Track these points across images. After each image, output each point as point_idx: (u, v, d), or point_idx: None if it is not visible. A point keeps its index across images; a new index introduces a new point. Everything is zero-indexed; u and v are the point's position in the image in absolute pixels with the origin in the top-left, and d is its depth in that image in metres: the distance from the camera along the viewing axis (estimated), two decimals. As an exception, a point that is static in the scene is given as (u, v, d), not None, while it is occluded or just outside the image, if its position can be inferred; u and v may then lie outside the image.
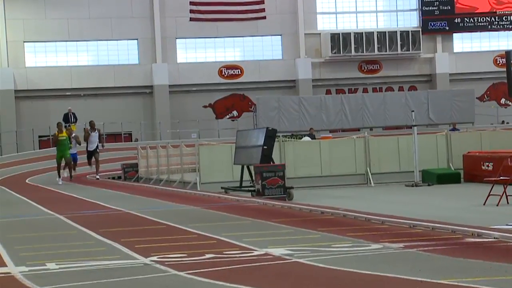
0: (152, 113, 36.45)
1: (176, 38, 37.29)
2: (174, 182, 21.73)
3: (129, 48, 36.92)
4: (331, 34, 37.73)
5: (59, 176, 22.41)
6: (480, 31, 39.60)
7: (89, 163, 23.96)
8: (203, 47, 37.66)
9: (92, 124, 23.89)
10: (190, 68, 37.18)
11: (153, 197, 15.79)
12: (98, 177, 23.91)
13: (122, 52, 36.79)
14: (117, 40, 36.62)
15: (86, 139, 23.47)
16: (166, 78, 36.65)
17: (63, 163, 22.64)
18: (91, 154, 23.87)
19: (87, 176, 25.84)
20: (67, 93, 36.06)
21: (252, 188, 16.53)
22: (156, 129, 35.61)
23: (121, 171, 27.83)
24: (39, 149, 33.02)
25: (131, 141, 34.27)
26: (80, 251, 7.74)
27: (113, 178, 28.21)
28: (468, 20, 39.32)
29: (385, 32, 38.10)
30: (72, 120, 31.10)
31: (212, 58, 37.71)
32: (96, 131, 23.74)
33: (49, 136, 22.74)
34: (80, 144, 24.05)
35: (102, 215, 12.04)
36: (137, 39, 36.85)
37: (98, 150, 23.87)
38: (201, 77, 37.16)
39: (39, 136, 34.46)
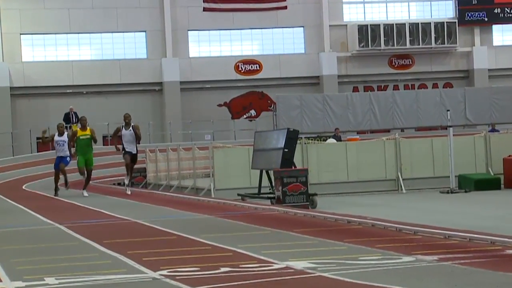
0: (161, 112, 36.61)
1: (188, 30, 37.42)
2: (186, 189, 21.79)
3: (136, 41, 37.10)
4: (358, 25, 37.65)
5: (84, 188, 19.47)
6: (523, 22, 39.32)
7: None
8: (217, 40, 37.75)
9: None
10: (203, 63, 37.28)
11: (163, 205, 15.85)
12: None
13: (128, 46, 36.97)
14: (123, 32, 36.82)
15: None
16: (177, 74, 36.77)
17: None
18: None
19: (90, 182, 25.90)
20: (68, 91, 36.29)
21: (271, 195, 16.53)
22: (166, 130, 35.75)
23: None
24: (37, 152, 33.20)
25: (138, 143, 34.36)
26: (82, 265, 7.78)
27: (119, 184, 28.33)
28: (509, 11, 39.05)
29: (418, 23, 37.96)
30: (74, 120, 31.34)
31: (228, 52, 37.78)
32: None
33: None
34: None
35: (107, 225, 12.10)
36: (145, 31, 37.02)
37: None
38: (215, 73, 37.24)
39: (37, 138, 34.61)
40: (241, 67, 37.80)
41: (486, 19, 38.83)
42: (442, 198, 18.11)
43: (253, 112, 38.19)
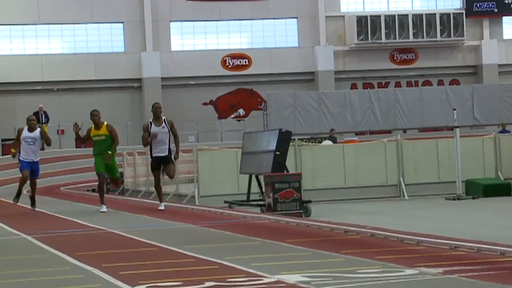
0: (140, 111, 36.55)
1: (170, 21, 37.41)
2: (168, 195, 21.76)
3: (113, 33, 37.06)
4: (357, 16, 37.75)
5: (102, 201, 16.29)
6: (536, 14, 39.52)
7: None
8: (202, 32, 37.76)
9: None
10: (187, 58, 37.28)
11: (142, 214, 15.83)
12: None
13: (104, 38, 36.93)
14: (98, 23, 36.78)
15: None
16: (158, 69, 36.76)
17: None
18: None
19: (61, 188, 25.96)
20: (37, 88, 36.20)
21: (261, 203, 16.53)
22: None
23: (103, 182, 27.81)
24: (2, 155, 33.08)
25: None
26: (52, 279, 7.76)
27: (93, 190, 28.24)
28: (522, 0, 39.25)
29: (422, 14, 38.11)
30: (44, 120, 31.28)
31: (214, 46, 37.80)
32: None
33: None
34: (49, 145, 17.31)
35: (80, 235, 12.07)
36: (122, 22, 36.99)
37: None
38: (200, 69, 37.25)
39: (2, 140, 34.51)
40: (229, 62, 37.82)
41: (496, 10, 39.03)
42: (448, 205, 18.16)
43: (241, 111, 38.22)
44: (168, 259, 8.79)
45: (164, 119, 15.56)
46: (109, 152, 15.73)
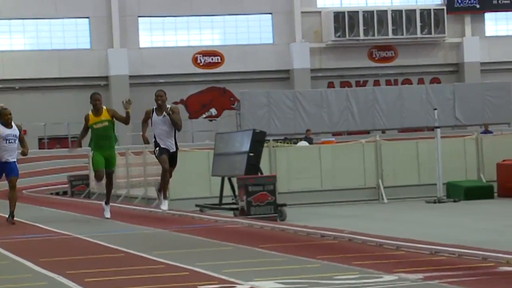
0: (107, 111, 36.41)
1: (139, 17, 37.30)
2: (136, 199, 21.69)
3: (78, 29, 36.88)
4: (334, 12, 37.88)
5: (107, 203, 15.07)
6: (519, 10, 39.91)
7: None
8: (173, 28, 37.69)
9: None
10: (156, 55, 37.19)
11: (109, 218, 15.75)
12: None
13: (69, 34, 36.73)
14: (62, 18, 36.57)
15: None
16: (126, 67, 36.63)
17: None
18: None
19: (23, 191, 25.75)
20: (-1, 86, 35.94)
21: (234, 206, 16.53)
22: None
23: (67, 185, 27.74)
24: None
25: (80, 146, 34.07)
26: (13, 287, 7.71)
27: (57, 193, 28.08)
28: (504, -4, 39.63)
29: (402, 10, 38.34)
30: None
31: (185, 42, 37.74)
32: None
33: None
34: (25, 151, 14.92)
35: (43, 241, 12.00)
36: (88, 18, 36.82)
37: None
38: (170, 66, 37.18)
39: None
40: (200, 60, 37.78)
41: (478, 6, 39.36)
42: (428, 208, 18.26)
43: (213, 111, 38.19)
44: (136, 266, 8.77)
45: (169, 108, 14.09)
46: (128, 100, 14.25)
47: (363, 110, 32.99)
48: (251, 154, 16.33)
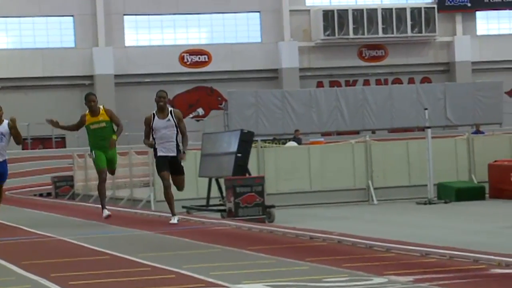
0: (92, 111, 36.34)
1: (124, 15, 37.23)
2: (121, 200, 21.66)
3: (62, 27, 36.77)
4: (323, 11, 37.93)
5: (103, 206, 14.39)
6: (510, 9, 40.06)
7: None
8: (159, 27, 37.63)
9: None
10: (142, 54, 37.13)
11: (93, 219, 15.73)
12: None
13: (53, 33, 36.63)
14: (46, 16, 36.46)
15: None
16: (111, 66, 36.55)
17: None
18: None
19: (6, 193, 25.59)
20: (-19, 86, 35.81)
21: (222, 208, 16.53)
22: (98, 132, 35.50)
23: (51, 186, 27.68)
24: None
25: (64, 147, 34.09)
26: (-3, 289, 7.70)
27: (41, 195, 28.00)
28: (495, -6, 39.78)
29: (392, 9, 38.41)
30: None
31: (171, 41, 37.69)
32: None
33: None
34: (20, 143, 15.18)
35: (26, 243, 11.97)
36: (72, 16, 36.72)
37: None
38: (156, 65, 37.13)
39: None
40: (187, 59, 37.75)
41: (469, 4, 39.48)
42: (419, 210, 18.31)
43: (200, 110, 38.17)
44: (122, 268, 8.75)
45: (170, 111, 13.50)
46: (114, 137, 13.78)
47: (353, 110, 33.04)
48: (239, 155, 16.33)
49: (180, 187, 13.87)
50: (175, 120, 13.39)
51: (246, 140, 16.58)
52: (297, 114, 32.59)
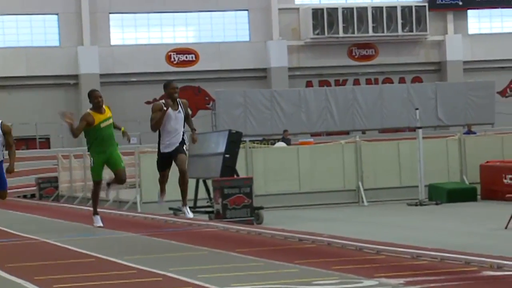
0: (77, 111, 36.18)
1: (110, 13, 37.16)
2: (107, 202, 21.61)
3: (46, 25, 36.68)
4: (312, 9, 37.96)
5: (96, 212, 13.90)
6: (502, 7, 40.18)
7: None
8: (145, 25, 37.59)
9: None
10: (128, 53, 37.07)
11: (79, 221, 15.70)
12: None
13: (37, 31, 36.52)
14: (30, 14, 36.35)
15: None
16: (97, 65, 36.48)
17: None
18: None
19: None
20: (-36, 85, 35.69)
21: (210, 209, 16.52)
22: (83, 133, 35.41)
23: (35, 188, 27.61)
24: None
25: (49, 147, 34.02)
26: (-20, 293, 7.67)
27: (25, 196, 27.91)
28: (487, -7, 39.91)
29: (382, 7, 38.48)
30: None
31: (158, 40, 37.65)
32: None
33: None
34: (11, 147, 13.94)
35: (9, 246, 11.93)
36: (57, 14, 36.63)
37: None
38: (142, 65, 37.08)
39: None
40: (174, 58, 37.72)
41: (460, 3, 39.58)
42: (410, 211, 18.35)
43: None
44: (108, 271, 8.73)
45: (179, 102, 13.10)
46: (123, 128, 13.35)
47: (343, 110, 33.09)
48: (227, 156, 16.33)
49: (182, 168, 13.29)
50: (184, 110, 13.10)
51: (234, 141, 16.59)
52: (286, 114, 32.60)
